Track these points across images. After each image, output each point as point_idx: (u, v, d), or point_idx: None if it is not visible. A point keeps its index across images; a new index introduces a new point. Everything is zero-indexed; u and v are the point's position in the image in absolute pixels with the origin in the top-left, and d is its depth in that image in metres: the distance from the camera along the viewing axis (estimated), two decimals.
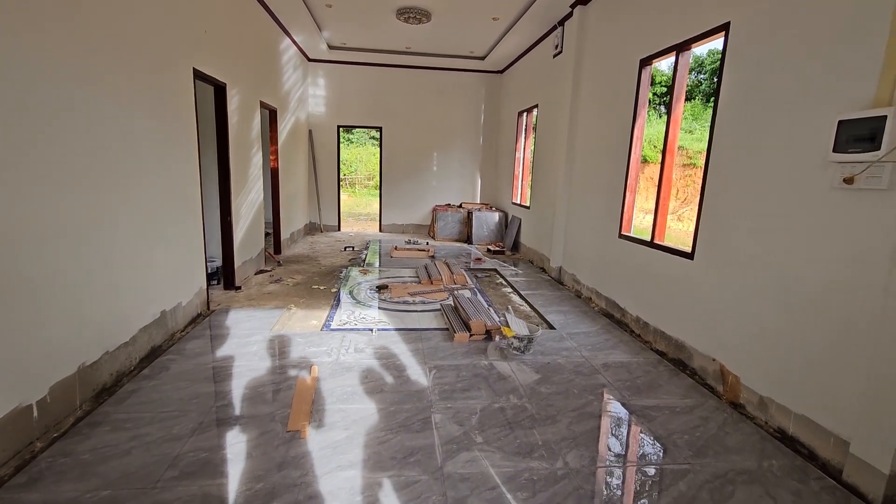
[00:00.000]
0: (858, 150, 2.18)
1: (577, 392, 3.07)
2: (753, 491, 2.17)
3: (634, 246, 4.42)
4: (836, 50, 2.39)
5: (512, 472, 2.22)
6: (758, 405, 2.87)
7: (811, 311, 2.52)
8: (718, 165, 3.32)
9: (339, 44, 8.45)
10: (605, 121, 5.06)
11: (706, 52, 17.97)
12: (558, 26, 6.37)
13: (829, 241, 2.43)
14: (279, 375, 3.11)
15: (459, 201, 10.30)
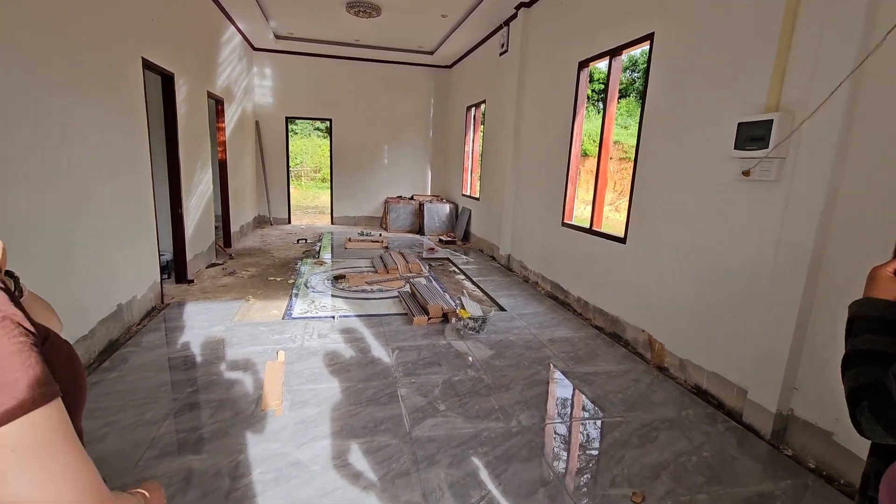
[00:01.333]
0: (753, 148, 2.62)
1: (527, 364, 3.41)
2: (673, 434, 2.58)
3: (576, 233, 4.84)
4: (741, 62, 2.83)
5: (473, 432, 2.50)
6: (679, 367, 3.33)
7: (720, 285, 2.98)
8: (646, 159, 3.75)
9: (286, 34, 8.34)
10: (549, 117, 5.44)
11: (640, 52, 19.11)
12: (504, 26, 6.69)
13: (733, 224, 2.88)
14: (246, 361, 3.22)
15: (411, 193, 10.48)
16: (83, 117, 3.08)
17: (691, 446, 2.48)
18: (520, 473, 2.19)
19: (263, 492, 1.99)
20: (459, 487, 2.07)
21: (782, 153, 2.51)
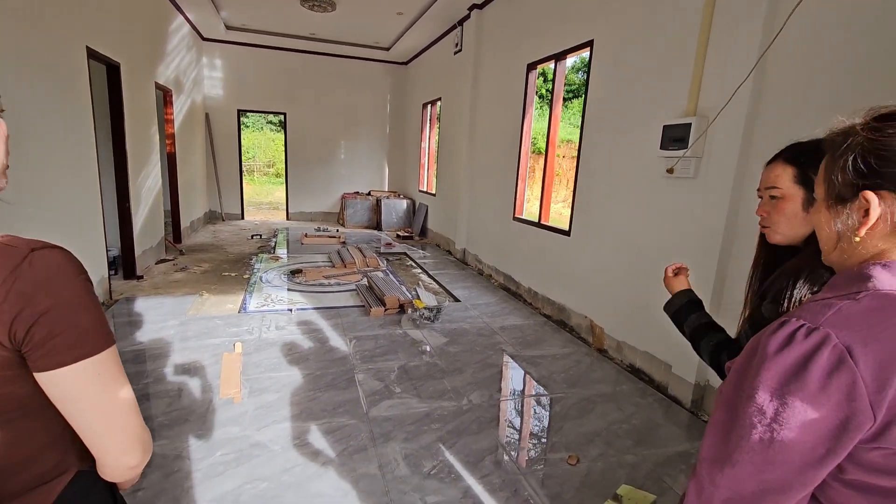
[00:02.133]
0: (675, 148, 2.93)
1: (480, 349, 3.62)
2: (608, 406, 2.87)
3: (526, 227, 5.11)
4: (667, 70, 3.14)
5: (427, 410, 2.68)
6: (616, 348, 3.64)
7: (650, 271, 3.30)
8: (588, 157, 4.04)
9: (238, 25, 8.16)
10: (501, 116, 5.69)
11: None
12: (458, 25, 6.88)
13: (661, 216, 3.20)
14: (203, 353, 3.25)
15: (368, 189, 10.52)
16: (23, 106, 3.00)
17: (623, 416, 2.77)
18: (469, 444, 2.39)
19: (225, 471, 2.08)
20: (414, 458, 2.24)
21: (699, 153, 2.83)
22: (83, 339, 0.57)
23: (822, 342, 0.57)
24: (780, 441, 0.58)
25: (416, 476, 2.12)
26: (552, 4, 4.52)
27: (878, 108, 0.65)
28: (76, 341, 0.56)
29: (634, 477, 2.21)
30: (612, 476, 2.21)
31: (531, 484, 2.13)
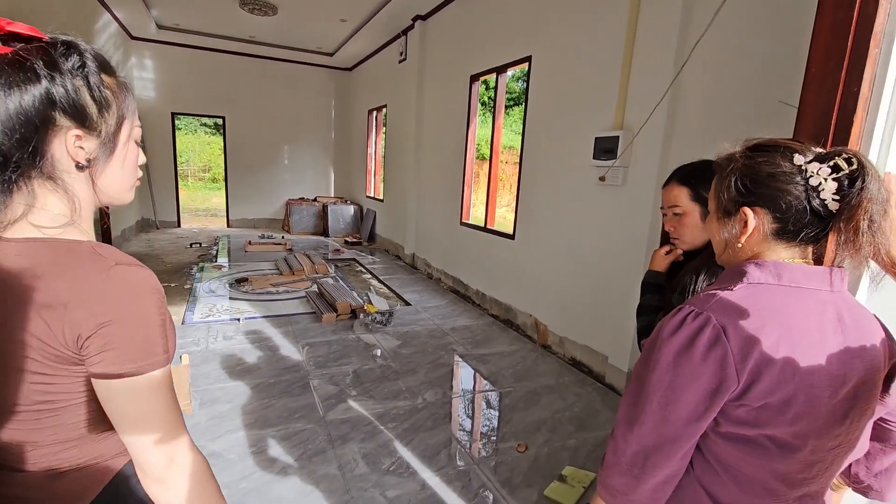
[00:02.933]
0: (606, 158, 3.22)
1: (432, 350, 3.75)
2: (552, 397, 3.09)
3: (473, 231, 5.31)
4: (597, 87, 3.43)
5: (383, 411, 2.76)
6: (559, 343, 3.90)
7: (587, 271, 3.58)
8: (529, 165, 4.30)
9: (170, 24, 7.82)
10: (447, 124, 5.87)
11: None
12: (402, 35, 7.00)
13: (595, 221, 3.48)
14: None
15: (314, 195, 10.37)
16: None
17: (565, 405, 3.00)
18: (426, 440, 2.50)
19: None
20: (373, 457, 2.33)
21: (626, 163, 3.13)
22: (134, 357, 0.61)
23: (704, 323, 0.75)
24: (673, 402, 0.75)
25: (375, 473, 2.21)
26: (493, 20, 4.76)
27: (751, 139, 0.84)
28: (126, 358, 0.60)
29: (577, 458, 2.42)
30: (557, 459, 2.41)
31: (484, 472, 2.28)
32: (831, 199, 0.74)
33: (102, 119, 0.64)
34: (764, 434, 0.76)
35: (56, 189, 0.63)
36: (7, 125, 0.57)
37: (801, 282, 0.78)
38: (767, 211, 0.78)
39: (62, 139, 0.62)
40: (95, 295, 0.58)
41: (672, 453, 0.77)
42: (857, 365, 0.77)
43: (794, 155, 0.77)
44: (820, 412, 0.75)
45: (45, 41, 0.62)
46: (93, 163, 0.65)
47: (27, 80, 0.58)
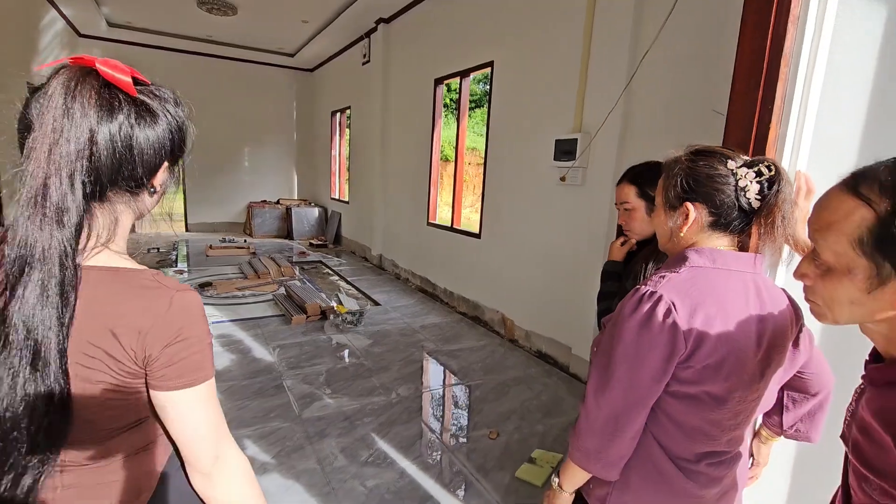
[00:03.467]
0: (566, 159, 3.41)
1: (403, 348, 3.84)
2: (521, 388, 3.24)
3: (440, 231, 5.42)
4: (556, 92, 3.61)
5: (358, 407, 2.83)
6: (525, 337, 4.07)
7: (551, 267, 3.76)
8: (493, 166, 4.46)
9: (122, 22, 7.54)
10: (412, 126, 5.96)
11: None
12: (365, 37, 7.04)
13: (558, 219, 3.67)
14: None
15: (277, 198, 10.20)
16: None
17: (533, 394, 3.16)
18: (401, 432, 2.59)
19: None
20: (351, 450, 2.40)
21: (585, 163, 3.33)
22: (189, 372, 0.70)
23: (658, 301, 0.89)
24: (638, 368, 0.89)
25: (354, 465, 2.29)
26: (456, 25, 4.90)
27: (693, 145, 1.00)
28: (183, 373, 0.69)
29: (545, 442, 2.58)
30: (526, 444, 2.55)
31: (459, 458, 2.40)
32: (754, 199, 0.91)
33: (181, 154, 0.78)
34: (703, 390, 0.91)
35: (125, 212, 0.73)
36: (147, 158, 0.69)
37: (731, 265, 0.94)
38: (705, 206, 0.94)
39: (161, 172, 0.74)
40: (162, 320, 0.67)
41: (639, 412, 0.91)
42: (769, 330, 0.94)
43: (728, 161, 0.93)
44: (746, 370, 0.91)
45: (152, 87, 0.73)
46: (162, 188, 0.77)
47: (155, 120, 0.70)
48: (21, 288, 0.60)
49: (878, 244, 0.59)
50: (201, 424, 0.73)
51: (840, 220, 0.62)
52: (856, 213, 0.61)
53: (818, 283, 0.68)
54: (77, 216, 0.63)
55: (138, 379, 0.69)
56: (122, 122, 0.66)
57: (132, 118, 0.67)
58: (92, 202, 0.66)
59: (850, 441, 0.73)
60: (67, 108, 0.62)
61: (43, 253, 0.61)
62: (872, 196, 0.59)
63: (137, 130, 0.67)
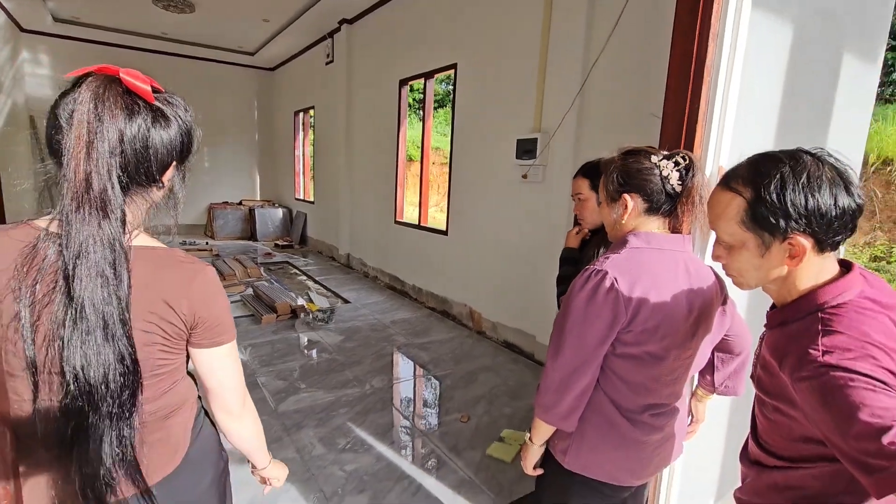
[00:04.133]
0: (527, 158, 3.60)
1: (374, 342, 3.93)
2: (488, 375, 3.41)
3: (407, 229, 5.53)
4: (517, 94, 3.80)
5: (333, 399, 2.92)
6: (492, 328, 4.24)
7: (515, 261, 3.95)
8: (459, 165, 4.61)
9: (68, 17, 7.21)
10: (377, 126, 6.03)
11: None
12: (328, 37, 7.04)
13: (521, 215, 3.86)
14: None
15: (239, 198, 10.00)
16: None
17: (501, 381, 3.33)
18: (377, 420, 2.70)
19: None
20: (328, 439, 2.49)
21: (544, 162, 3.52)
22: (223, 331, 0.85)
23: (603, 277, 1.05)
24: (585, 334, 1.05)
25: (332, 452, 2.38)
26: (420, 28, 5.02)
27: (623, 146, 1.17)
28: (220, 332, 0.85)
29: (513, 423, 2.75)
30: (495, 425, 2.71)
31: (432, 441, 2.53)
32: (676, 184, 1.09)
33: (190, 156, 0.87)
34: (644, 350, 1.08)
35: (143, 203, 0.82)
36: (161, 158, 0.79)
37: (664, 245, 1.12)
38: (639, 195, 1.11)
39: (171, 170, 0.83)
40: (200, 289, 0.81)
41: (586, 371, 1.07)
42: (698, 299, 1.12)
43: (651, 156, 1.11)
44: (679, 332, 1.09)
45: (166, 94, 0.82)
46: (169, 183, 0.85)
47: (168, 123, 0.79)
48: (81, 271, 0.69)
49: (753, 220, 0.78)
50: (233, 375, 0.89)
51: (724, 210, 0.82)
52: (733, 203, 0.81)
53: (729, 260, 0.86)
54: (119, 205, 0.72)
55: (183, 340, 0.82)
56: (141, 125, 0.75)
57: (149, 121, 0.76)
58: (128, 193, 0.76)
59: (756, 377, 0.91)
60: (98, 113, 0.71)
61: (94, 240, 0.70)
62: (739, 188, 0.80)
63: (153, 132, 0.77)
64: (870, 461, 0.60)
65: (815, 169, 0.75)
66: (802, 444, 0.78)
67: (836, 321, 0.73)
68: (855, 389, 0.64)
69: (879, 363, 0.66)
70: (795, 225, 0.75)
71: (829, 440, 0.67)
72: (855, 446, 0.62)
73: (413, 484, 2.18)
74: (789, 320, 0.81)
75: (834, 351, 0.69)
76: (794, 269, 0.79)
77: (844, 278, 0.79)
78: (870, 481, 0.61)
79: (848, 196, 0.74)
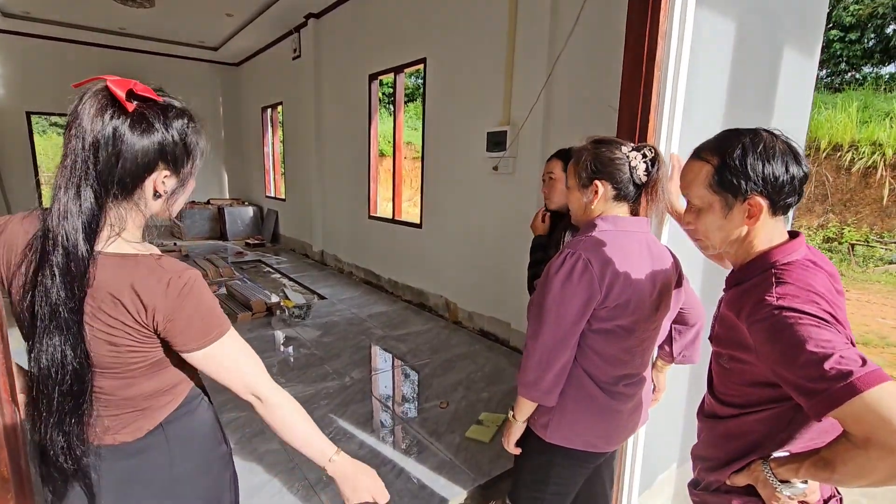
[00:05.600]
0: (497, 150, 3.69)
1: (352, 336, 3.97)
2: (465, 362, 3.50)
3: (381, 224, 5.57)
4: (486, 88, 3.88)
5: (314, 392, 2.95)
6: (468, 318, 4.34)
7: (488, 251, 4.05)
8: (431, 158, 4.67)
9: (19, 12, 6.89)
10: (348, 121, 6.02)
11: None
12: (295, 32, 6.95)
13: (493, 206, 3.96)
14: None
15: (206, 198, 9.78)
16: None
17: (477, 367, 3.43)
18: (358, 410, 2.76)
19: None
20: None
21: (514, 154, 3.63)
22: (206, 331, 0.84)
23: (577, 259, 1.14)
24: (563, 313, 1.14)
25: None
26: (388, 22, 5.03)
27: (592, 136, 1.26)
28: (195, 337, 0.83)
29: (490, 406, 2.85)
30: (473, 409, 2.81)
31: (413, 427, 2.61)
32: (643, 175, 1.19)
33: (186, 164, 0.86)
34: (616, 325, 1.18)
35: (132, 211, 0.83)
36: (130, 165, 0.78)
37: (629, 227, 1.22)
38: (609, 182, 1.21)
39: (155, 178, 0.82)
40: (162, 298, 0.80)
41: (565, 347, 1.16)
42: (660, 276, 1.23)
43: (622, 147, 1.21)
44: (645, 306, 1.19)
45: (159, 102, 0.81)
46: (170, 195, 0.86)
47: (148, 133, 0.79)
48: (44, 268, 0.75)
49: (720, 184, 0.90)
50: (238, 369, 0.88)
51: (695, 176, 0.94)
52: (703, 169, 0.93)
53: (697, 223, 0.97)
54: (88, 209, 0.76)
55: (153, 339, 0.84)
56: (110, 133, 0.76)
57: (123, 129, 0.77)
58: (104, 199, 0.79)
59: (714, 336, 1.02)
60: (78, 116, 0.75)
61: (58, 240, 0.74)
62: (708, 157, 0.92)
63: (126, 139, 0.77)
64: (812, 385, 0.71)
65: (771, 141, 0.87)
66: (752, 388, 0.90)
67: (786, 275, 0.85)
68: (803, 326, 0.75)
69: (822, 307, 0.78)
70: (754, 186, 0.87)
71: (778, 373, 0.78)
72: (800, 374, 0.73)
73: (396, 467, 2.25)
74: (746, 279, 0.93)
75: (785, 297, 0.80)
76: (751, 231, 0.91)
77: (793, 241, 0.91)
78: (810, 404, 0.72)
79: (797, 165, 0.87)
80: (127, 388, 0.87)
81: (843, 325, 0.79)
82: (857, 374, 0.66)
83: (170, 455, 0.94)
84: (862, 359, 0.69)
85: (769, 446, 0.88)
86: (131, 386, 0.87)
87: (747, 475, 0.89)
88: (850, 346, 0.73)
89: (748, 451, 0.90)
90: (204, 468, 1.01)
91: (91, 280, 0.77)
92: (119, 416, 0.88)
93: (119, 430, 0.88)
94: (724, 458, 0.95)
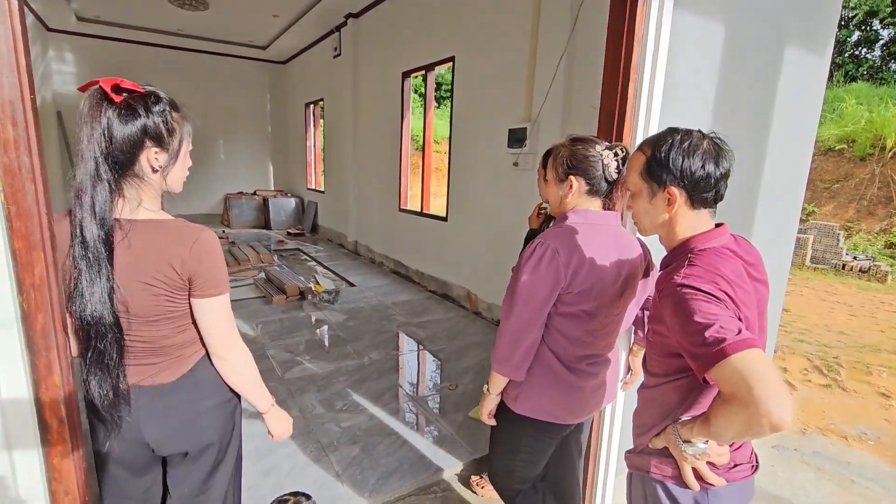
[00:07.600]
0: (517, 146, 3.80)
1: (376, 321, 4.21)
2: (478, 350, 3.66)
3: (411, 216, 5.78)
4: (509, 86, 3.99)
5: (334, 369, 3.20)
6: (487, 309, 4.48)
7: (508, 245, 4.16)
8: (457, 154, 4.82)
9: (91, 16, 7.58)
10: (382, 117, 6.26)
11: None
12: (336, 31, 7.27)
13: (515, 200, 4.07)
14: None
15: (253, 189, 10.37)
16: None
17: (488, 354, 3.55)
18: (372, 387, 2.98)
19: None
20: (328, 402, 2.77)
21: (534, 149, 3.72)
22: (217, 285, 1.06)
23: (546, 248, 1.27)
24: (532, 297, 1.28)
25: (330, 412, 2.66)
26: (420, 21, 5.21)
27: (573, 134, 1.39)
28: (214, 286, 1.05)
29: None
30: (480, 393, 2.95)
31: (421, 404, 2.79)
32: (613, 172, 1.31)
33: (171, 141, 1.05)
34: (580, 309, 1.31)
35: (142, 184, 1.04)
36: (121, 144, 0.98)
37: (598, 221, 1.34)
38: (583, 178, 1.33)
39: (146, 154, 1.02)
40: (195, 250, 1.02)
41: (533, 328, 1.30)
42: (625, 266, 1.34)
43: (596, 145, 1.33)
44: (608, 293, 1.31)
45: (141, 93, 1.01)
46: (164, 168, 1.05)
47: (133, 118, 0.98)
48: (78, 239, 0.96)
49: (648, 172, 1.02)
50: (221, 321, 1.10)
51: (633, 165, 1.07)
52: (639, 160, 1.05)
53: (633, 207, 1.09)
54: (108, 180, 0.96)
55: (185, 291, 1.05)
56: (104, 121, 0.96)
57: (113, 117, 0.96)
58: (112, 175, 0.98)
59: (650, 315, 1.14)
60: (85, 111, 0.97)
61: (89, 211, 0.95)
62: (644, 148, 1.05)
63: (116, 125, 0.96)
64: (696, 350, 0.84)
65: (698, 141, 0.99)
66: (669, 358, 1.01)
67: (697, 259, 0.96)
68: (696, 301, 0.86)
69: (720, 287, 0.89)
70: (672, 178, 0.99)
71: (679, 342, 0.90)
72: (690, 341, 0.85)
73: (399, 439, 2.45)
74: (670, 262, 1.04)
75: (689, 277, 0.91)
76: (672, 218, 1.02)
77: (712, 231, 1.02)
78: (696, 365, 0.84)
79: (715, 166, 0.98)
80: (165, 339, 1.09)
81: (739, 305, 0.89)
82: (728, 341, 0.78)
83: (198, 393, 1.16)
84: (739, 329, 0.80)
85: (680, 411, 0.99)
86: (168, 337, 1.09)
87: (664, 438, 1.00)
88: (734, 319, 0.83)
89: (665, 417, 1.02)
90: (221, 404, 1.23)
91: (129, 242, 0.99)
92: (157, 363, 1.11)
93: (158, 374, 1.11)
94: (649, 423, 1.07)
